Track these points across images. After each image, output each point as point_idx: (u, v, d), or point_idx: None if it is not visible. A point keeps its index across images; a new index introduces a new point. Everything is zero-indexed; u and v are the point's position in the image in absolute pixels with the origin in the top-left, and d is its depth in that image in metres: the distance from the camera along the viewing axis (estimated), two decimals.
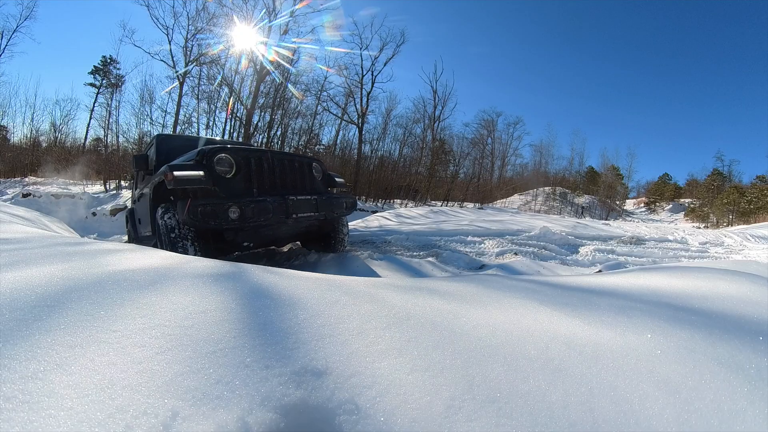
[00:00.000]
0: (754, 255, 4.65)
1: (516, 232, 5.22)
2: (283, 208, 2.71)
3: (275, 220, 2.68)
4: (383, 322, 0.75)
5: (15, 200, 8.68)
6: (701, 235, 6.97)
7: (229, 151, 2.70)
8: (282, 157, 3.02)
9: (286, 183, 2.96)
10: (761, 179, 31.36)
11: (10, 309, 0.69)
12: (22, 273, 0.93)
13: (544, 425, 0.48)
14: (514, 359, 0.63)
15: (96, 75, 21.38)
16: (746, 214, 26.55)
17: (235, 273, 1.05)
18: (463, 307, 0.90)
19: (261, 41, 14.96)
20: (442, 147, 23.12)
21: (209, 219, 2.36)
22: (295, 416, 0.48)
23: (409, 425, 0.47)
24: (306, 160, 3.29)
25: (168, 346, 0.60)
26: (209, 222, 2.36)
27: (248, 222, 2.50)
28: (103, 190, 11.55)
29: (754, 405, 0.52)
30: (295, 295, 0.87)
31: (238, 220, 2.44)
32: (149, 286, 0.88)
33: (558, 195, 33.91)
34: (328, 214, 3.15)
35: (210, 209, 2.37)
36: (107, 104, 18.08)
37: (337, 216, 3.36)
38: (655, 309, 0.89)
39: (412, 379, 0.56)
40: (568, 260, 3.83)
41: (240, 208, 2.46)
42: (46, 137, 19.20)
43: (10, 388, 0.48)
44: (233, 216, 2.43)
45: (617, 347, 0.67)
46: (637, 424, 0.48)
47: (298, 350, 0.61)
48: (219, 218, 2.39)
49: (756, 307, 0.89)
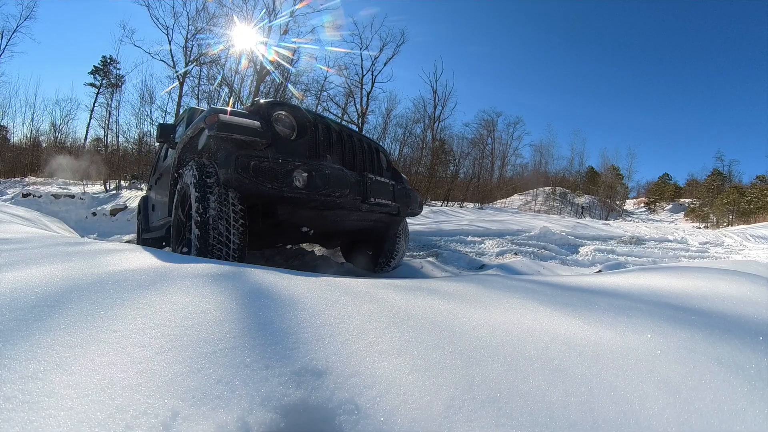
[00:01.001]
0: (754, 255, 4.65)
1: (516, 232, 5.22)
2: (361, 187, 2.05)
3: (350, 201, 2.00)
4: (383, 322, 0.75)
5: (15, 200, 8.68)
6: (701, 235, 6.96)
7: (290, 109, 2.07)
8: (350, 132, 2.37)
9: (355, 163, 2.26)
10: (761, 179, 31.35)
11: (10, 309, 0.69)
12: (22, 273, 0.93)
13: (544, 425, 0.48)
14: (514, 359, 0.63)
15: (96, 75, 21.40)
16: (746, 214, 26.54)
17: (235, 273, 1.05)
18: (463, 307, 0.90)
19: (261, 41, 14.96)
20: (442, 147, 23.10)
21: (266, 180, 1.66)
22: (295, 416, 0.48)
23: (409, 425, 0.47)
24: (373, 143, 2.59)
25: (168, 346, 0.60)
26: (265, 185, 1.66)
27: (318, 194, 1.82)
28: (103, 190, 11.55)
29: (754, 405, 0.52)
30: (295, 295, 0.87)
31: (306, 188, 1.77)
32: (149, 286, 0.88)
33: (558, 195, 33.91)
34: (402, 209, 2.50)
35: (268, 165, 1.68)
36: (107, 104, 18.12)
37: (409, 214, 2.70)
38: (655, 309, 0.89)
39: (412, 379, 0.56)
40: (568, 260, 3.83)
41: (309, 172, 1.78)
42: (46, 137, 19.21)
43: (10, 388, 0.48)
44: (299, 182, 1.75)
45: (617, 347, 0.67)
46: (637, 424, 0.48)
47: (298, 350, 0.61)
48: (279, 181, 1.69)
49: (756, 307, 0.89)
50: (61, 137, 19.45)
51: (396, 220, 2.69)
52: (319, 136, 2.09)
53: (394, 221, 2.68)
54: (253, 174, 1.64)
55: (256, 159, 1.66)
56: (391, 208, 2.38)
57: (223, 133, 1.71)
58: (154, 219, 3.62)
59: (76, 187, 11.66)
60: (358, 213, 2.22)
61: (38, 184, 11.65)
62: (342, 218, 2.21)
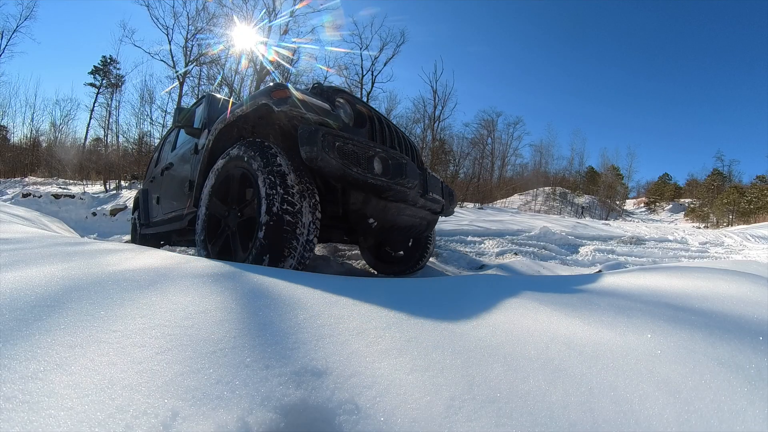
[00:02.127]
0: (754, 255, 4.65)
1: (516, 232, 5.22)
2: (423, 180, 1.98)
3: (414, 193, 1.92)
4: (383, 322, 0.75)
5: (15, 200, 8.68)
6: (701, 235, 6.97)
7: (350, 96, 2.02)
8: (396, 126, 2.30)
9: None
10: (761, 179, 31.34)
11: (10, 309, 0.69)
12: (22, 273, 0.93)
13: (544, 425, 0.48)
14: (514, 359, 0.63)
15: (96, 75, 21.40)
16: (746, 214, 26.54)
17: (235, 273, 1.05)
18: (464, 306, 0.90)
19: (261, 41, 14.97)
20: (442, 147, 23.11)
21: (350, 163, 1.55)
22: (295, 416, 0.48)
23: (409, 425, 0.47)
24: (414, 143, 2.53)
25: (168, 346, 0.60)
26: (351, 168, 1.55)
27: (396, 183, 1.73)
28: (103, 190, 11.55)
29: (754, 405, 0.52)
30: (295, 295, 0.87)
31: (382, 175, 1.68)
32: (149, 286, 0.88)
33: (558, 195, 33.91)
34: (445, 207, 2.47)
35: (351, 148, 1.57)
36: (107, 104, 18.14)
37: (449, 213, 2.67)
38: (655, 309, 0.89)
39: (412, 379, 0.56)
40: (568, 260, 3.83)
41: (386, 159, 1.69)
42: (46, 137, 19.22)
43: (10, 388, 0.48)
44: (377, 167, 1.65)
45: (617, 347, 0.67)
46: (637, 424, 0.48)
47: (298, 350, 0.61)
48: (362, 166, 1.59)
49: (756, 307, 0.89)
50: (61, 137, 19.44)
51: (436, 219, 2.61)
52: (375, 127, 2.01)
53: (434, 220, 2.59)
54: (338, 155, 1.50)
55: (341, 140, 1.53)
56: (440, 205, 2.32)
57: (296, 111, 1.55)
58: (159, 212, 3.35)
59: (76, 187, 11.66)
60: (413, 208, 2.13)
61: (38, 184, 11.65)
62: (400, 212, 2.08)
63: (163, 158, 3.62)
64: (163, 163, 3.46)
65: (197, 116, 2.76)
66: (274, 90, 1.64)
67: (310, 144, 1.47)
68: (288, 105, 1.57)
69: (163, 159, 3.59)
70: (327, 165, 1.49)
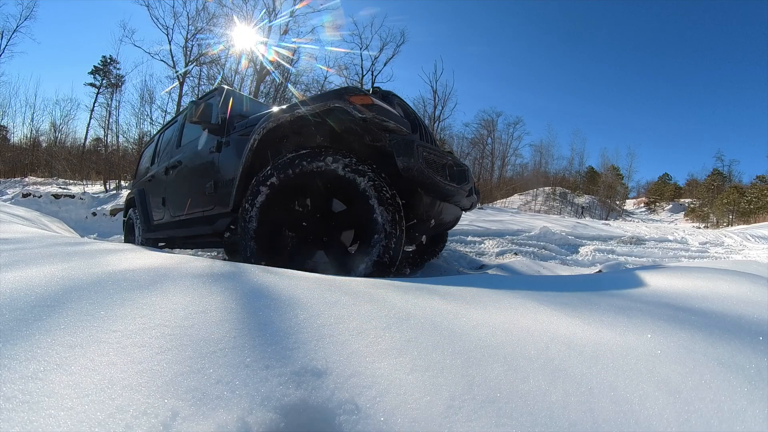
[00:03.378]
0: (754, 255, 4.65)
1: (516, 232, 5.22)
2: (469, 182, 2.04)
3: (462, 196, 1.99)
4: (383, 322, 0.75)
5: (15, 200, 8.67)
6: (701, 235, 6.97)
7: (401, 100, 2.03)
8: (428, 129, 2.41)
9: None
10: (761, 179, 31.32)
11: (10, 309, 0.69)
12: (22, 273, 0.93)
13: (544, 425, 0.48)
14: (514, 359, 0.63)
15: (96, 75, 21.38)
16: (746, 214, 26.52)
17: (235, 273, 1.05)
18: (463, 307, 0.90)
19: (261, 41, 14.97)
20: (442, 147, 23.08)
21: (434, 171, 1.63)
22: (295, 416, 0.48)
23: (409, 425, 0.47)
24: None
25: (168, 346, 0.60)
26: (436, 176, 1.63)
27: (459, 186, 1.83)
28: (103, 190, 11.55)
29: (754, 405, 0.52)
30: (295, 296, 0.87)
31: (452, 181, 1.77)
32: (149, 286, 0.88)
33: (558, 195, 33.91)
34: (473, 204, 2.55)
35: (432, 157, 1.65)
36: (107, 104, 18.12)
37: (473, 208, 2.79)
38: (655, 309, 0.89)
39: (412, 379, 0.56)
40: (568, 260, 3.83)
41: (451, 166, 1.79)
42: (46, 137, 19.20)
43: (10, 388, 0.48)
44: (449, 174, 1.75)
45: (617, 347, 0.67)
46: (637, 424, 0.48)
47: (298, 350, 0.61)
48: (441, 173, 1.69)
49: (756, 307, 0.89)
50: (61, 137, 19.44)
51: (459, 217, 2.63)
52: (423, 133, 2.01)
53: (459, 218, 2.65)
54: (425, 164, 1.55)
55: (426, 150, 1.59)
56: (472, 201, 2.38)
57: (378, 118, 1.56)
58: (165, 215, 3.07)
59: (76, 187, 11.66)
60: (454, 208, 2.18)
61: (38, 184, 11.64)
62: (449, 211, 2.16)
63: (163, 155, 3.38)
64: (165, 161, 3.20)
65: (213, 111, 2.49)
66: (352, 95, 1.62)
67: (407, 155, 1.53)
68: (372, 113, 1.57)
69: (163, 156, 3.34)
70: (421, 175, 1.55)
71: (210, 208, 2.33)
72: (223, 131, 2.36)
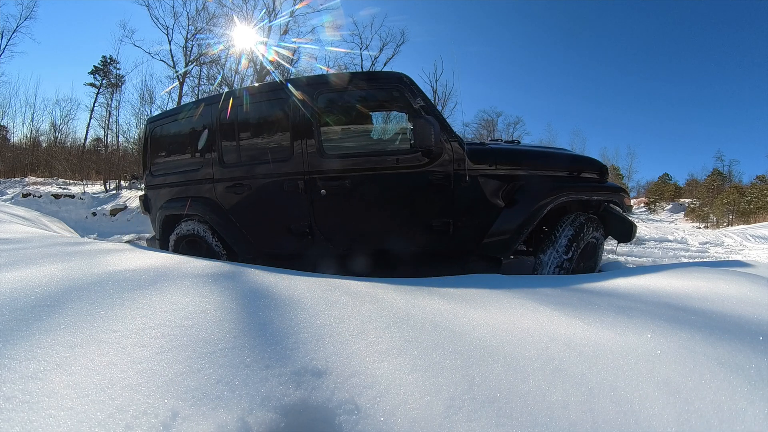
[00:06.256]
0: (754, 255, 4.65)
1: None
2: None
3: None
4: (383, 322, 0.75)
5: (15, 200, 8.68)
6: (701, 235, 6.97)
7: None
8: None
9: None
10: (761, 179, 31.29)
11: (10, 309, 0.69)
12: (22, 273, 0.93)
13: (544, 425, 0.48)
14: (514, 359, 0.63)
15: (96, 75, 21.35)
16: (746, 214, 26.50)
17: (235, 273, 1.05)
18: (463, 307, 0.90)
19: (261, 41, 14.96)
20: None
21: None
22: (295, 416, 0.48)
23: (409, 425, 0.47)
24: None
25: (168, 346, 0.60)
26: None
27: None
28: (103, 190, 11.54)
29: (754, 405, 0.52)
30: (295, 296, 0.87)
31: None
32: (149, 286, 0.88)
33: None
34: None
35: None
36: (107, 104, 18.08)
37: None
38: (655, 309, 0.89)
39: (412, 379, 0.56)
40: None
41: None
42: (46, 137, 19.18)
43: (10, 388, 0.48)
44: None
45: (617, 347, 0.67)
46: (637, 423, 0.48)
47: (298, 350, 0.61)
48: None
49: (756, 307, 0.89)
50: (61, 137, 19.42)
51: None
52: None
53: None
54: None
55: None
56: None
57: (610, 208, 2.68)
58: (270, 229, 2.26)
59: (76, 187, 11.65)
60: None
61: (38, 184, 11.64)
62: None
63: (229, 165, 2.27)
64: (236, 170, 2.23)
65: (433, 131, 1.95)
66: (626, 196, 2.63)
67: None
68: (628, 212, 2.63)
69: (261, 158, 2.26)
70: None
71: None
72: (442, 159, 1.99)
